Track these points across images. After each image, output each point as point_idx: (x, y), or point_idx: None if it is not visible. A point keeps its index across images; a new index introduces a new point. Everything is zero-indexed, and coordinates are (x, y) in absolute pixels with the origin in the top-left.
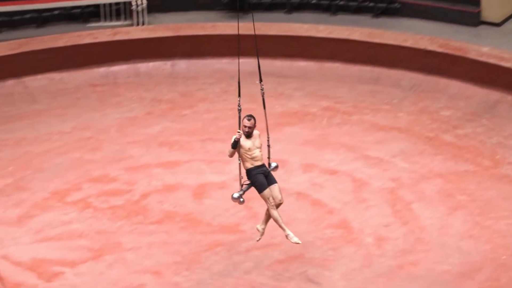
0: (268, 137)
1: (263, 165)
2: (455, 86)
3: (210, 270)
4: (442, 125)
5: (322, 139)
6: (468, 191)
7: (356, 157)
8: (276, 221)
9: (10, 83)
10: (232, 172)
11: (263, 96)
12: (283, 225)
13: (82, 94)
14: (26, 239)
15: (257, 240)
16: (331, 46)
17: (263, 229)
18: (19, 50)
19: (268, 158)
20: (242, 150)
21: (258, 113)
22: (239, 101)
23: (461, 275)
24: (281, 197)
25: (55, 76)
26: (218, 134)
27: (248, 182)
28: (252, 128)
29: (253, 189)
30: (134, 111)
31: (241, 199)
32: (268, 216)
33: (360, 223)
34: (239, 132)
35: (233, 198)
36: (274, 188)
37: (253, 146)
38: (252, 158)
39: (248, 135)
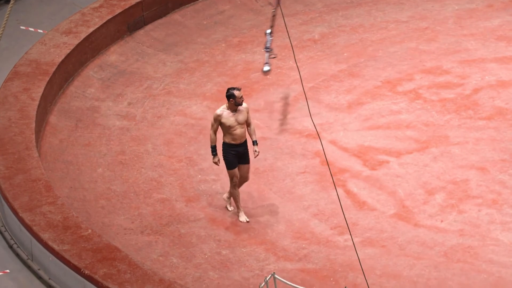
0: None
1: (242, 144)
2: None
3: None
4: None
5: None
6: None
7: None
8: (234, 198)
9: None
10: None
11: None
12: (239, 204)
13: None
14: (355, 126)
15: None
16: None
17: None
18: None
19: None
20: (225, 126)
21: None
22: None
23: None
24: (248, 175)
25: None
26: None
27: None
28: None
29: None
30: (474, 2)
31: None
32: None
33: None
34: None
35: (264, 72)
36: (243, 168)
37: (234, 123)
38: (232, 135)
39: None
